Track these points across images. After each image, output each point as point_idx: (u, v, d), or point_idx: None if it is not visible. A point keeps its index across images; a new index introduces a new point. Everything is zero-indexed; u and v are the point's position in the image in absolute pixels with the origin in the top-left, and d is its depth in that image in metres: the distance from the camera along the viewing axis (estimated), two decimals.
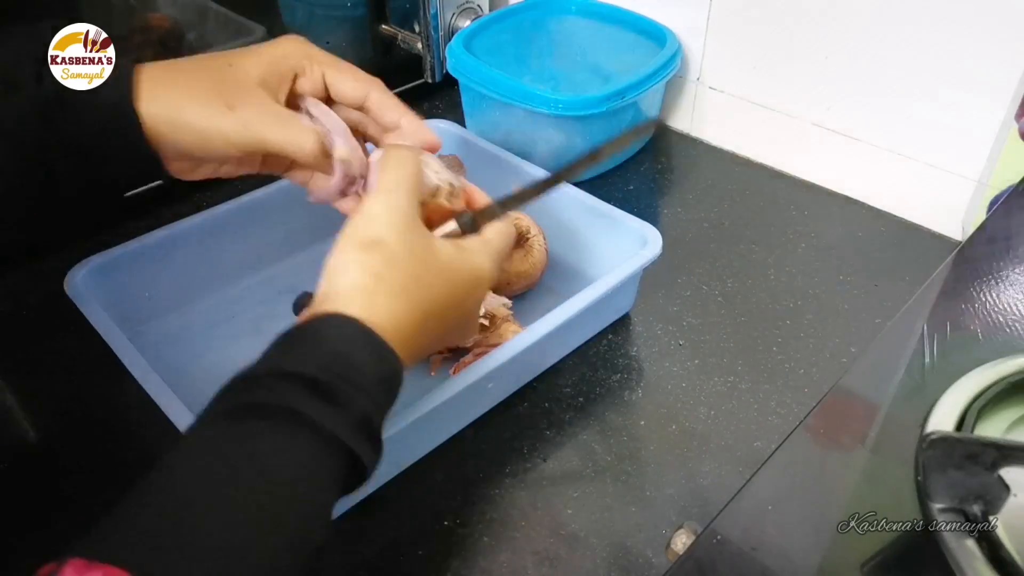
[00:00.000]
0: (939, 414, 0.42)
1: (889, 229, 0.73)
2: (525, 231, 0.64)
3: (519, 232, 0.63)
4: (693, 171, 0.82)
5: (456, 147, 0.74)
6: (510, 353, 0.52)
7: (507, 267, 0.62)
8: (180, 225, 0.61)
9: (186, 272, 0.62)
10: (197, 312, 0.63)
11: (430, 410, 0.48)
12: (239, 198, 0.64)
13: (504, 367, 0.51)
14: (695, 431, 0.55)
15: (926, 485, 0.38)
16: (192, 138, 0.42)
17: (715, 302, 0.65)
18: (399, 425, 0.47)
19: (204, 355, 0.60)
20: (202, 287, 0.64)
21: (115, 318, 0.53)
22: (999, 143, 0.65)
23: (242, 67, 0.44)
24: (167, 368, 0.50)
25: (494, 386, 0.55)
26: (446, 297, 0.41)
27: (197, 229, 0.62)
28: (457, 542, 0.48)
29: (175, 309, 0.63)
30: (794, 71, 0.75)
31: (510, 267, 0.62)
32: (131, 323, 0.56)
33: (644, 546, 0.48)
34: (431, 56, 0.85)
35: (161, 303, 0.62)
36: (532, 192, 0.46)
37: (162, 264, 0.61)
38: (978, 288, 0.51)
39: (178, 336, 0.61)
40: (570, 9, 0.88)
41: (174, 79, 0.42)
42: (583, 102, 0.72)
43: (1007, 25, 0.61)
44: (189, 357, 0.59)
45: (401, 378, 0.37)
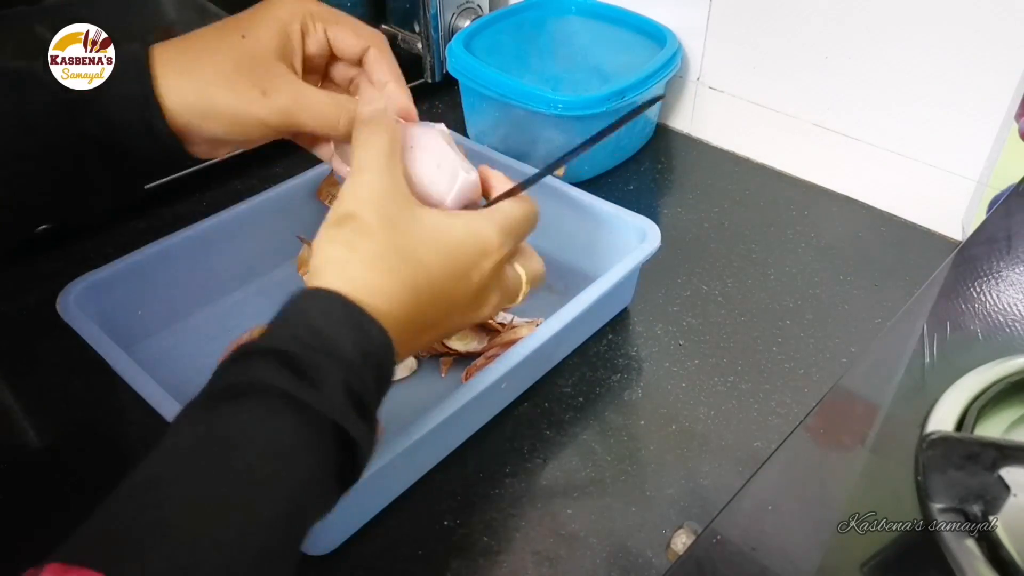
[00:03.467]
0: (939, 414, 0.42)
1: (889, 229, 0.73)
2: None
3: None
4: (693, 171, 0.82)
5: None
6: (522, 354, 0.51)
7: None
8: (170, 240, 0.60)
9: (178, 287, 0.62)
10: (191, 327, 0.62)
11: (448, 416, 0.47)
12: (227, 210, 0.63)
13: (517, 368, 0.51)
14: (695, 431, 0.55)
15: (926, 485, 0.38)
16: (225, 126, 0.42)
17: (715, 302, 0.65)
18: (418, 433, 0.46)
19: (204, 372, 0.58)
20: (194, 302, 0.63)
21: (109, 337, 0.52)
22: (999, 143, 0.65)
23: (256, 38, 0.43)
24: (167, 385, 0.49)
25: (507, 386, 0.55)
26: (440, 267, 0.39)
27: (187, 243, 0.61)
28: (457, 542, 0.48)
29: (168, 326, 0.62)
30: (794, 71, 0.75)
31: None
32: (125, 341, 0.54)
33: (644, 546, 0.48)
34: (431, 56, 0.85)
35: (154, 320, 0.61)
36: (542, 174, 0.46)
37: (153, 280, 0.60)
38: (978, 288, 0.51)
39: (173, 352, 0.60)
40: (570, 9, 0.88)
41: (194, 63, 0.42)
42: (583, 102, 0.72)
43: (1007, 25, 0.61)
44: (189, 373, 0.57)
45: (392, 351, 0.36)
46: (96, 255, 0.59)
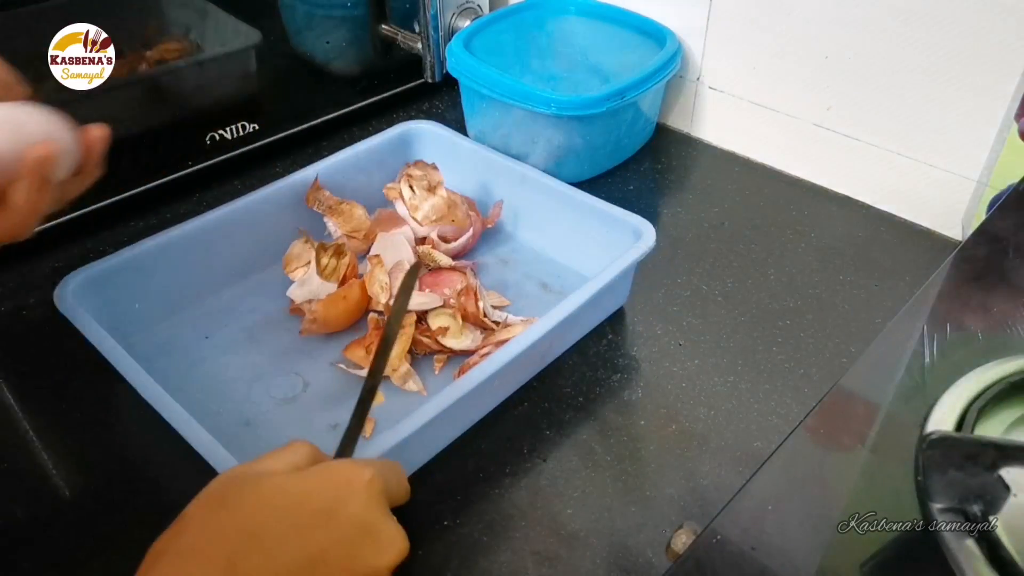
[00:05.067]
0: (939, 414, 0.42)
1: (889, 229, 0.73)
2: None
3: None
4: (693, 171, 0.82)
5: (441, 148, 0.74)
6: (514, 352, 0.52)
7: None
8: (168, 234, 0.61)
9: (175, 281, 0.62)
10: (188, 322, 0.62)
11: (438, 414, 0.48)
12: (225, 205, 0.64)
13: (509, 366, 0.51)
14: (695, 431, 0.55)
15: (926, 485, 0.38)
16: None
17: (715, 302, 0.65)
18: (408, 430, 0.46)
19: (199, 365, 0.59)
20: (191, 296, 0.63)
21: (106, 330, 0.53)
22: (999, 143, 0.65)
23: None
24: (162, 379, 0.50)
25: (500, 384, 0.55)
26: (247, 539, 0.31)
27: (185, 237, 0.62)
28: (457, 542, 0.48)
29: (165, 319, 0.62)
30: (794, 71, 0.75)
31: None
32: (123, 334, 0.54)
33: (644, 546, 0.48)
34: (431, 56, 0.85)
35: (151, 313, 0.61)
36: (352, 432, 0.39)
37: (151, 274, 0.60)
38: (978, 288, 0.51)
39: (170, 347, 0.60)
40: (570, 9, 0.87)
41: None
42: (583, 102, 0.72)
43: (1007, 25, 0.61)
44: (184, 367, 0.59)
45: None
46: (96, 255, 0.59)
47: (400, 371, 0.58)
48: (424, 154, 0.75)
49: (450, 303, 0.61)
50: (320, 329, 0.60)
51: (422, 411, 0.48)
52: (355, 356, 0.59)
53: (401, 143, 0.75)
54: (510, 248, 0.71)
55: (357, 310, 0.61)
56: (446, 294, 0.62)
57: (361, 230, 0.67)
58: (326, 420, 0.55)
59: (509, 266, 0.69)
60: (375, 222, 0.68)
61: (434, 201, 0.66)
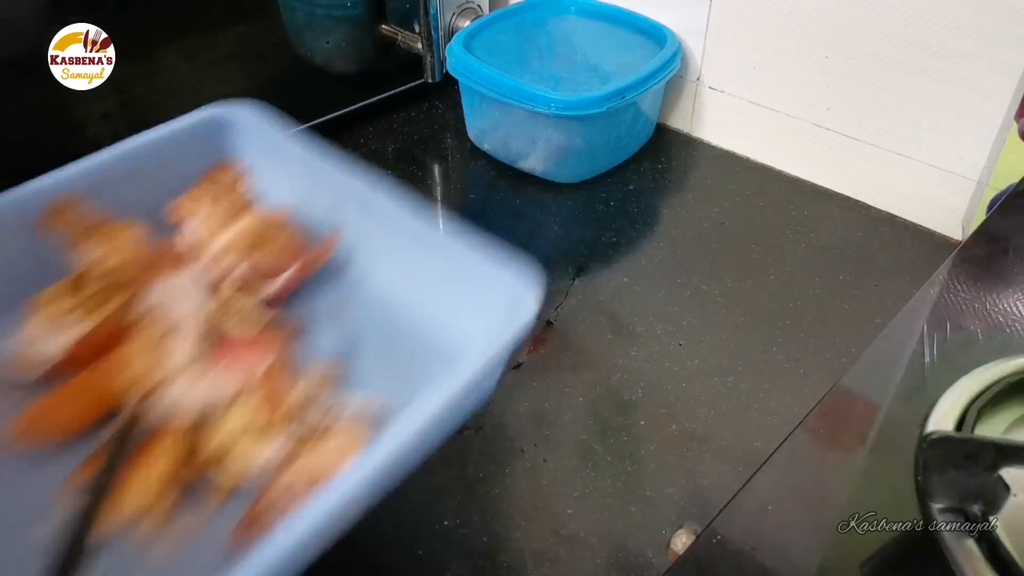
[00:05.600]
0: (939, 414, 0.42)
1: (889, 229, 0.73)
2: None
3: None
4: (693, 171, 0.82)
5: (260, 146, 0.54)
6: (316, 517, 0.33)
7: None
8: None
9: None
10: None
11: None
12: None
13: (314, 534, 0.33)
14: (695, 431, 0.55)
15: (926, 485, 0.38)
16: None
17: (715, 302, 0.65)
18: None
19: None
20: None
21: None
22: (999, 143, 0.65)
23: None
24: None
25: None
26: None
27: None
28: (457, 542, 0.48)
29: None
30: (794, 71, 0.75)
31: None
32: None
33: (644, 546, 0.48)
34: (431, 56, 0.85)
35: None
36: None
37: None
38: (978, 288, 0.51)
39: None
40: (570, 9, 0.88)
41: None
42: (583, 102, 0.72)
43: (1007, 25, 0.61)
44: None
45: None
46: None
47: (158, 510, 0.38)
48: (237, 153, 0.55)
49: (250, 388, 0.42)
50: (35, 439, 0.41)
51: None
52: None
53: (204, 137, 0.53)
54: (347, 294, 0.51)
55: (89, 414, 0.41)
56: (244, 378, 0.42)
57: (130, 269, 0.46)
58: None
59: (343, 320, 0.50)
60: (152, 257, 0.47)
61: (246, 223, 0.49)
